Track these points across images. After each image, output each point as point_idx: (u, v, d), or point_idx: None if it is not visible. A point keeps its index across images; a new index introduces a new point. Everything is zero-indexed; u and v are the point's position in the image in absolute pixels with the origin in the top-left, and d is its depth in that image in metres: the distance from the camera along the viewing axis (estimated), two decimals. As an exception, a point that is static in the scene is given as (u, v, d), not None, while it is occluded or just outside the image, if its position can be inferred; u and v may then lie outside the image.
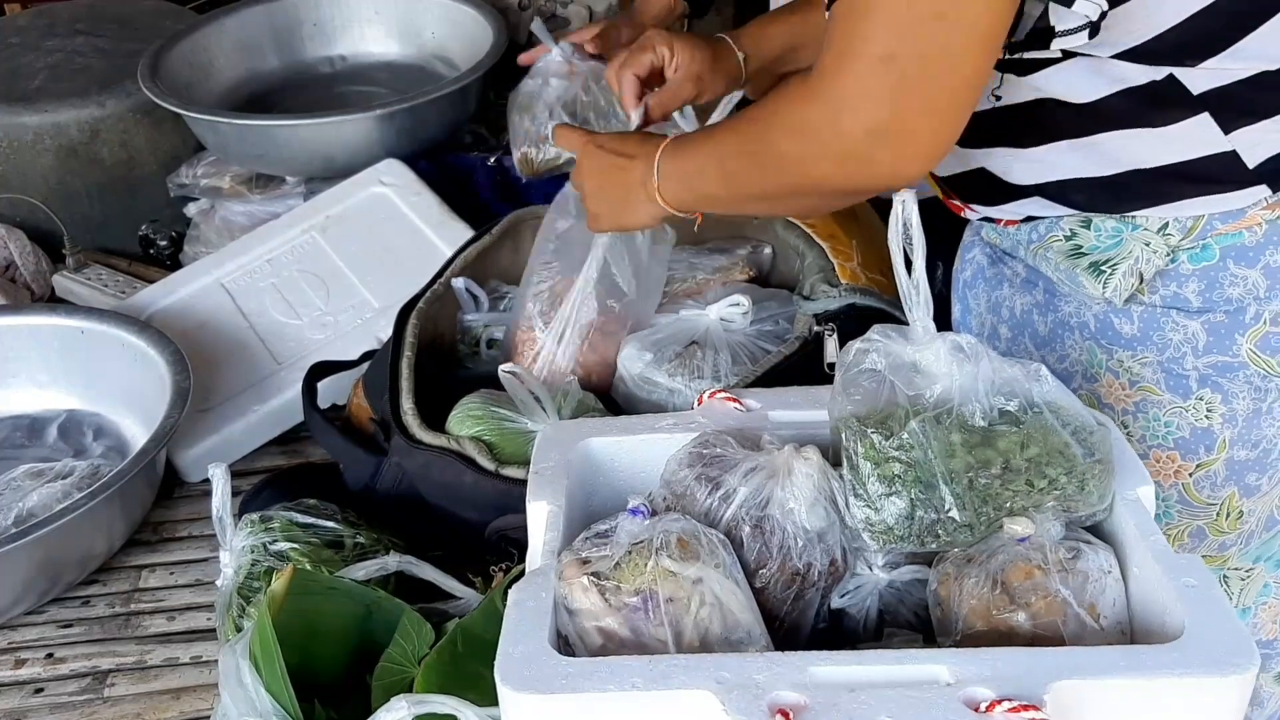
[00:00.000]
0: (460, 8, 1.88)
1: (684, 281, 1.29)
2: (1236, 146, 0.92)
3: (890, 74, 0.81)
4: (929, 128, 0.83)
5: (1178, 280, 0.97)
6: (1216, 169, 0.93)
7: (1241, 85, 0.90)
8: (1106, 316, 1.01)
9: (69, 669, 1.14)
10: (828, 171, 0.88)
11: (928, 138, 0.83)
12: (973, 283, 1.14)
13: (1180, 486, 1.05)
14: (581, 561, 0.79)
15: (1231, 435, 1.01)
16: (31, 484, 1.25)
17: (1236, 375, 0.99)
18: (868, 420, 0.82)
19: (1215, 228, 0.95)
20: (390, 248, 1.53)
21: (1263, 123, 0.92)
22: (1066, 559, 0.79)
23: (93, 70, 1.80)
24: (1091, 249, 0.98)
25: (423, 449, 1.10)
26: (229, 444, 1.36)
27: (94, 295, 1.61)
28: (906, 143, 0.83)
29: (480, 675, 0.76)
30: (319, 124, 1.65)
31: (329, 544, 1.06)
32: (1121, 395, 1.03)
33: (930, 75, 0.81)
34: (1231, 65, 0.89)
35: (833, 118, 0.84)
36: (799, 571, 0.83)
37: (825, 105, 0.85)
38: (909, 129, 0.83)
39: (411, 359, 1.19)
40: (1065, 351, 1.05)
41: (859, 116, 0.83)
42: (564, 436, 0.93)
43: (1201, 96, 0.90)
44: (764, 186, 0.95)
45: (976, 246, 1.13)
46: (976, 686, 0.69)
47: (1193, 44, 0.88)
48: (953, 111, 0.83)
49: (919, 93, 0.81)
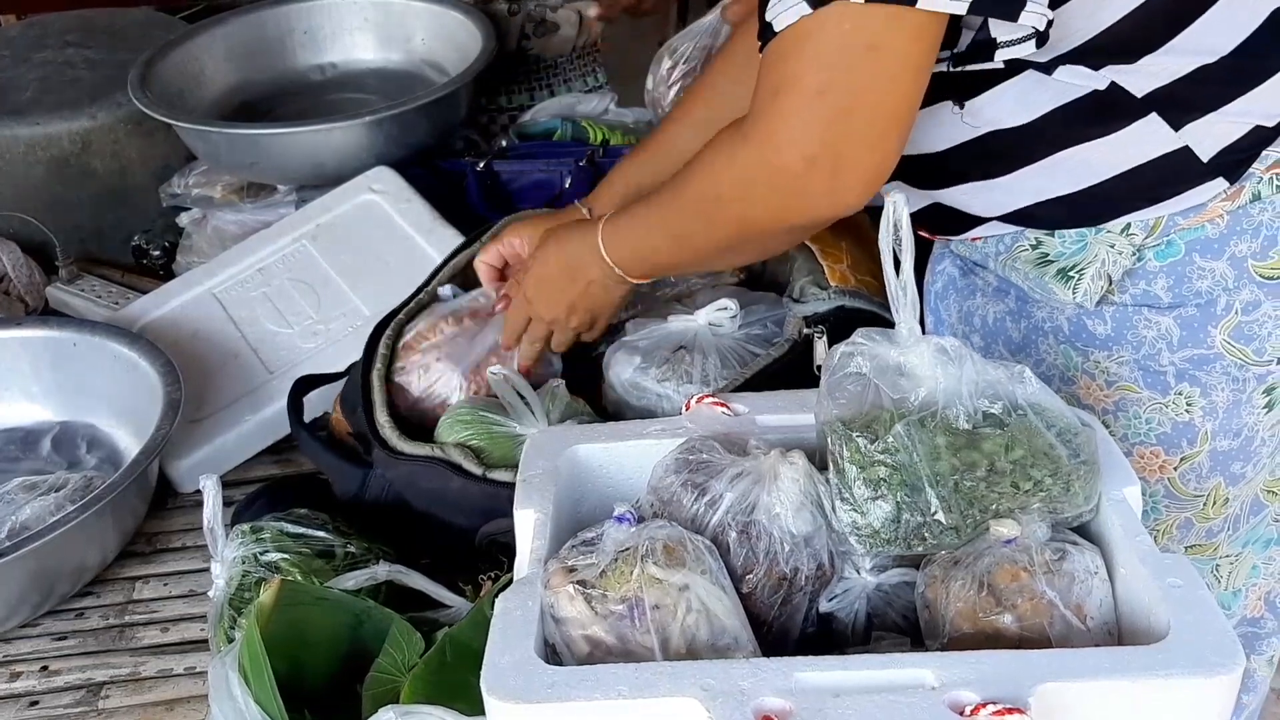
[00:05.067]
0: (449, 14, 1.87)
1: (672, 286, 1.29)
2: (1188, 142, 0.93)
3: (825, 106, 0.83)
4: (865, 156, 0.85)
5: (1146, 278, 0.97)
6: (1172, 168, 0.93)
7: (1183, 83, 0.91)
8: (1080, 319, 1.01)
9: (63, 681, 1.14)
10: (770, 209, 0.90)
11: (864, 166, 0.85)
12: (944, 294, 1.15)
13: (1166, 481, 1.05)
14: (568, 569, 0.79)
15: (1213, 427, 1.02)
16: (25, 497, 1.25)
17: (1213, 367, 0.99)
18: (853, 424, 0.82)
19: (1177, 224, 0.96)
20: (381, 255, 1.52)
21: (1208, 116, 0.92)
22: (1053, 560, 0.79)
23: (83, 82, 1.80)
24: (1058, 255, 0.98)
25: (405, 459, 1.10)
26: (222, 454, 1.36)
27: (87, 306, 1.61)
28: (844, 172, 0.85)
29: (469, 684, 0.75)
30: (309, 132, 1.65)
31: (320, 554, 1.06)
32: (1100, 396, 1.03)
33: (864, 105, 0.83)
34: (1170, 62, 0.90)
35: (772, 153, 0.86)
36: (786, 576, 0.83)
37: (763, 142, 0.86)
38: (846, 158, 0.84)
39: (383, 371, 1.19)
40: (1041, 356, 1.05)
41: (796, 148, 0.85)
42: (552, 443, 0.93)
43: (1146, 99, 0.91)
44: (713, 239, 0.97)
45: (947, 258, 1.14)
46: (961, 690, 0.69)
47: (1133, 40, 0.89)
48: (887, 140, 0.85)
49: (853, 122, 0.83)
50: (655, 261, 1.06)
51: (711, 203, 0.94)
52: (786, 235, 1.00)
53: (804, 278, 1.27)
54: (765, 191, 0.89)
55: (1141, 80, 0.91)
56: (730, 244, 0.98)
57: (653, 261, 1.06)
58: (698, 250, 1.01)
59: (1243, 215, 0.95)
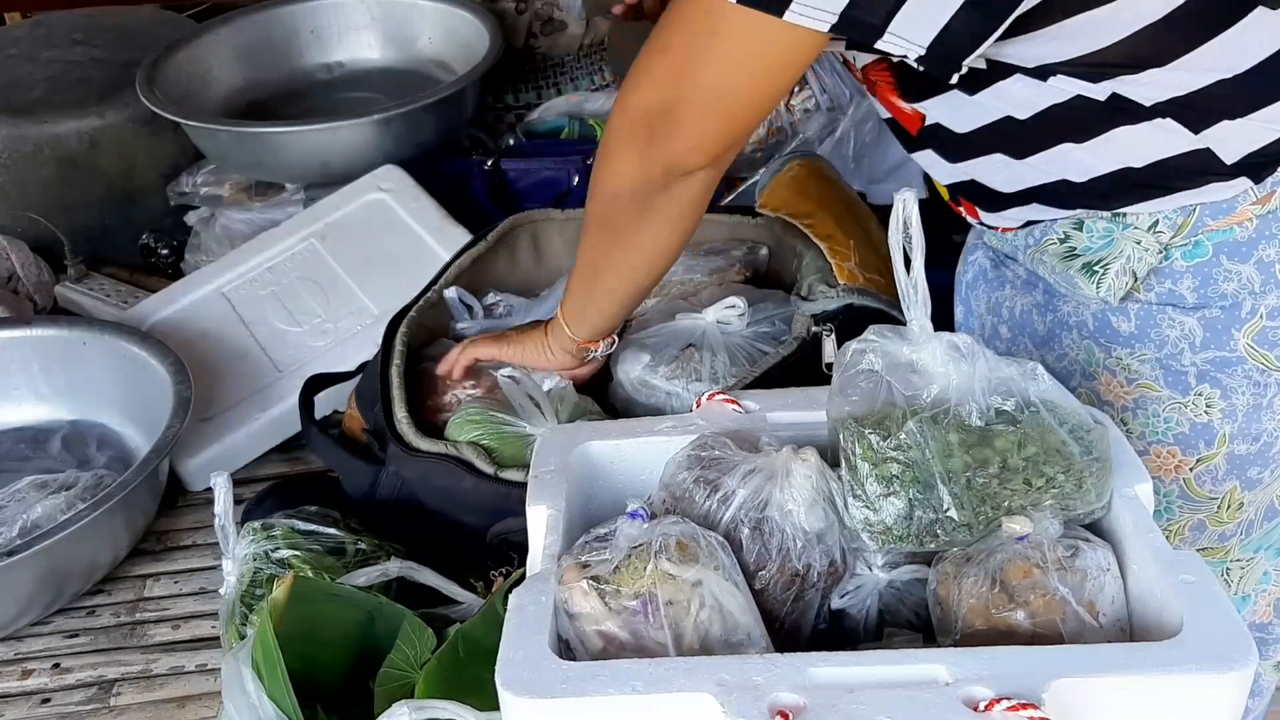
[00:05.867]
0: (456, 12, 1.88)
1: (680, 284, 1.29)
2: (1209, 144, 0.92)
3: (665, 62, 0.90)
4: (695, 123, 0.91)
5: (1172, 277, 0.97)
6: (1194, 163, 0.93)
7: (1198, 95, 0.90)
8: (1104, 315, 1.01)
9: (75, 679, 1.14)
10: (631, 164, 0.96)
11: (694, 130, 0.92)
12: (974, 284, 1.15)
13: (1181, 482, 1.05)
14: (581, 565, 0.79)
15: (1231, 430, 1.01)
16: (36, 495, 1.25)
17: (1235, 370, 0.99)
18: (865, 421, 0.82)
19: (1206, 224, 0.95)
20: (389, 253, 1.53)
21: (1233, 121, 0.91)
22: (1065, 557, 0.79)
23: (91, 81, 1.80)
24: (1084, 250, 0.98)
25: (420, 456, 1.10)
26: (231, 452, 1.36)
27: (96, 305, 1.61)
28: (677, 128, 0.92)
29: (482, 680, 0.76)
30: (316, 131, 1.65)
31: (330, 551, 1.06)
32: (1120, 392, 1.03)
33: (697, 75, 0.89)
34: (1181, 77, 0.89)
35: (622, 98, 0.94)
36: (798, 573, 0.83)
37: (622, 88, 0.95)
38: (677, 117, 0.91)
39: (401, 367, 1.19)
40: (1064, 350, 1.05)
41: (640, 94, 0.93)
42: (563, 440, 0.94)
43: (1154, 107, 0.91)
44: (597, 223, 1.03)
45: (979, 249, 1.14)
46: (975, 686, 0.69)
47: (1137, 56, 0.89)
48: (713, 118, 0.92)
49: (684, 85, 0.89)
50: (601, 307, 1.11)
51: (601, 200, 1.01)
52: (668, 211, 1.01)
53: (812, 275, 1.28)
54: (623, 145, 0.95)
55: (1149, 91, 0.90)
56: (630, 237, 1.02)
57: (599, 308, 1.11)
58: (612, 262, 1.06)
59: (1272, 220, 0.95)
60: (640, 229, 1.01)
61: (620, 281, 1.08)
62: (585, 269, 1.09)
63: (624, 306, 1.13)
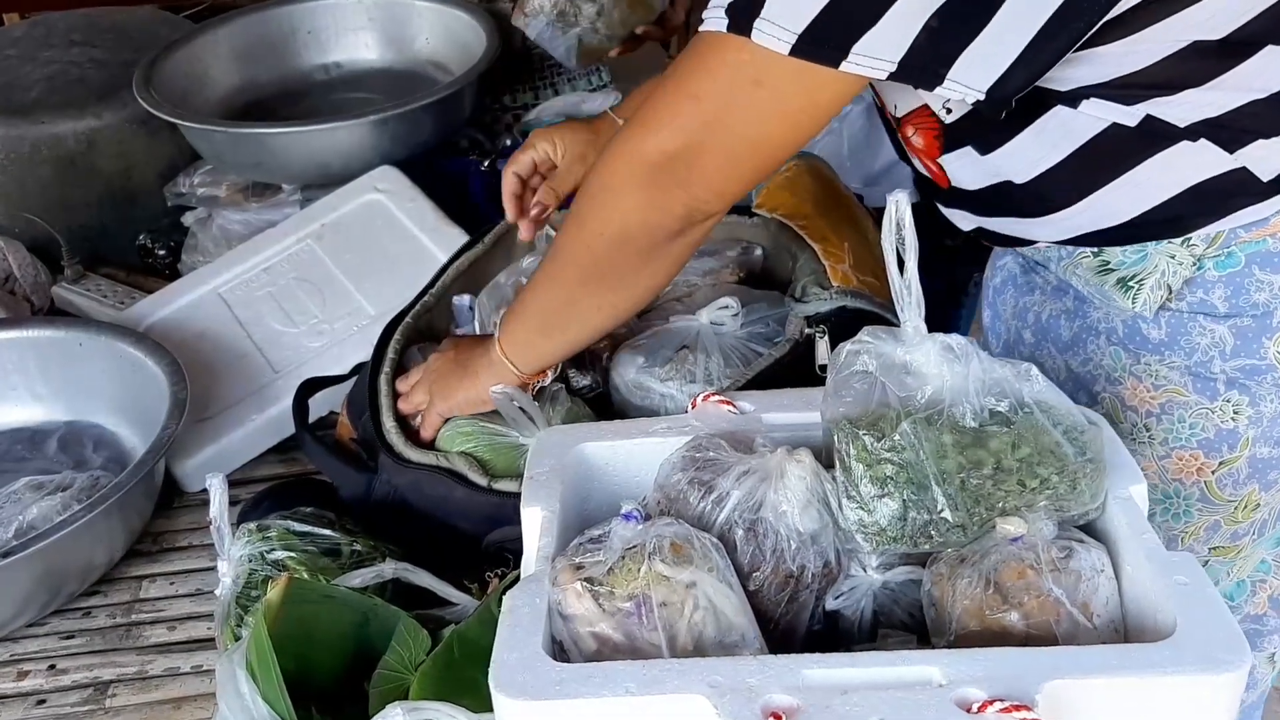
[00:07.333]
0: (453, 13, 1.88)
1: (673, 285, 1.29)
2: (1245, 164, 0.92)
3: (694, 110, 0.87)
4: (721, 169, 0.89)
5: (1204, 287, 0.97)
6: (1230, 185, 0.92)
7: (1232, 114, 0.90)
8: (1135, 322, 1.01)
9: (71, 680, 1.14)
10: (638, 207, 0.92)
11: (719, 176, 0.90)
12: (1002, 289, 1.16)
13: (1202, 485, 1.05)
14: (575, 567, 0.79)
15: (1256, 434, 1.02)
16: (32, 496, 1.25)
17: (1264, 378, 0.99)
18: (859, 422, 0.83)
19: (1239, 236, 0.95)
20: (386, 254, 1.53)
21: (1265, 140, 0.91)
22: (1059, 558, 0.79)
23: (89, 81, 1.80)
24: (1118, 265, 0.99)
25: (411, 467, 1.10)
26: (227, 453, 1.36)
27: (93, 306, 1.61)
28: (700, 175, 0.89)
29: (476, 681, 0.76)
30: (313, 131, 1.65)
31: (326, 552, 1.06)
32: (1146, 398, 1.03)
33: (729, 126, 0.86)
34: (1218, 97, 0.89)
35: (638, 141, 0.90)
36: (793, 574, 0.83)
37: (633, 130, 0.90)
38: (702, 164, 0.89)
39: (390, 375, 1.18)
40: (1089, 355, 1.06)
41: (660, 137, 0.89)
42: (558, 442, 0.94)
43: (1189, 129, 0.90)
44: (584, 265, 0.99)
45: (1009, 254, 1.14)
46: (968, 687, 0.69)
47: (1173, 78, 0.88)
48: (743, 164, 0.90)
49: (719, 132, 0.87)
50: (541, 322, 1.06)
51: (584, 222, 0.97)
52: (653, 251, 0.97)
53: (806, 277, 1.27)
54: (629, 182, 0.92)
55: (1184, 111, 0.89)
56: (598, 266, 0.98)
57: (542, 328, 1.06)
58: (570, 286, 1.01)
59: None
60: (639, 272, 0.99)
61: (596, 319, 1.04)
62: (548, 306, 1.04)
63: (583, 345, 1.10)
